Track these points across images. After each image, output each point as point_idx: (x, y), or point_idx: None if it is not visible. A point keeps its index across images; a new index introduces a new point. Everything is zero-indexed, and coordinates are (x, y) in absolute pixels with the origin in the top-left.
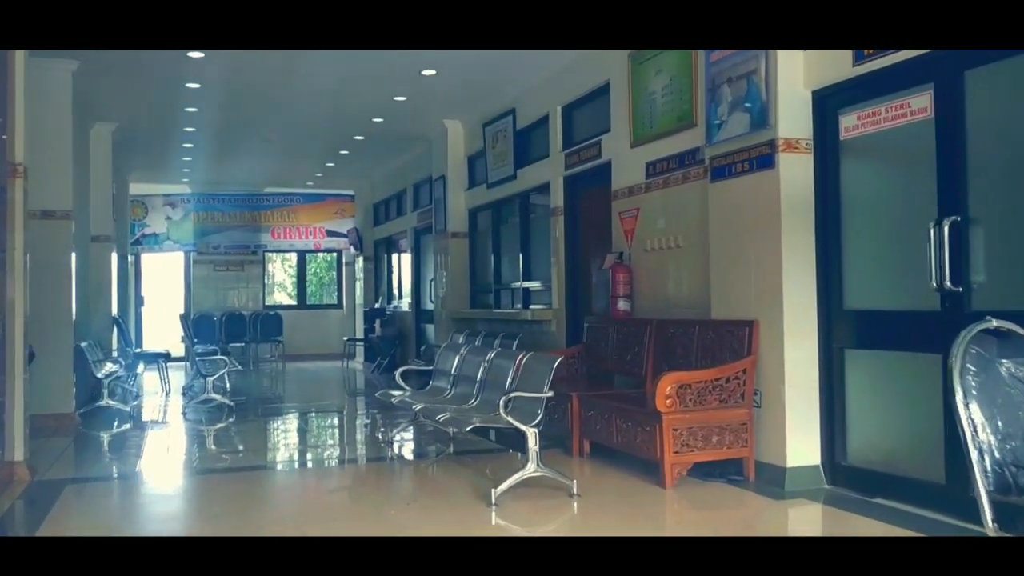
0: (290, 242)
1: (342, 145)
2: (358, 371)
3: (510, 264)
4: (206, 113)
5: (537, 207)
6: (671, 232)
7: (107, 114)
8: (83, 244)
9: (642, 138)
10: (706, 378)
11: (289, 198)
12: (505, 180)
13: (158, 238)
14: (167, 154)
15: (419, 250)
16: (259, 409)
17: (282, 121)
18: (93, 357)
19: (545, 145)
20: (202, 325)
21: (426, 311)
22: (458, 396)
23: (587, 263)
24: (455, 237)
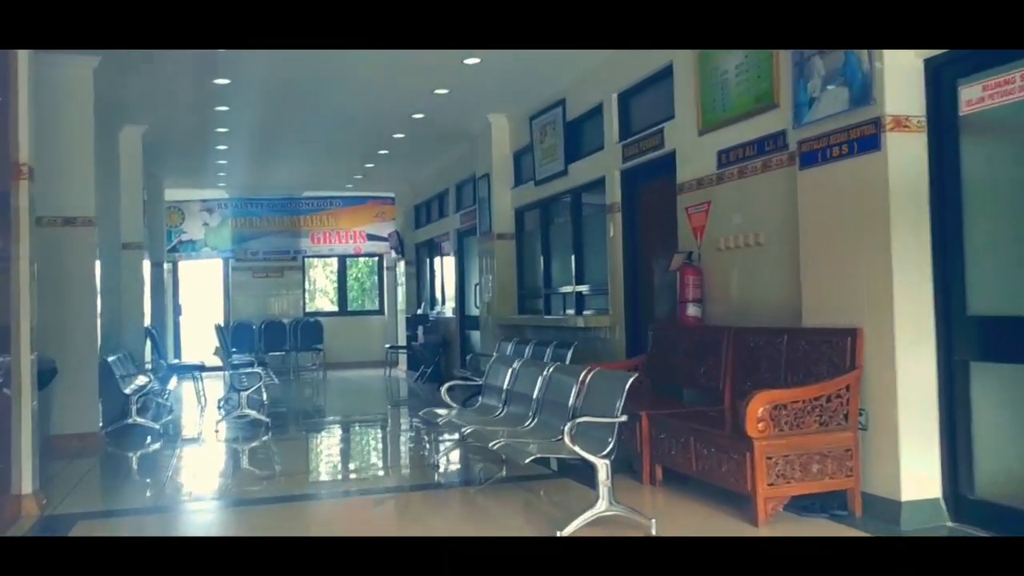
0: (330, 247)
1: (381, 144)
2: (401, 380)
3: (561, 267)
4: (238, 112)
5: (590, 204)
6: (749, 228)
7: (136, 116)
8: (113, 252)
9: (712, 124)
10: (804, 397)
11: (328, 202)
12: (555, 176)
13: (195, 245)
14: (201, 157)
15: (462, 253)
16: (297, 424)
17: (318, 120)
18: (121, 372)
19: (599, 137)
20: (241, 334)
21: (471, 317)
22: (511, 416)
23: (648, 265)
24: (501, 238)
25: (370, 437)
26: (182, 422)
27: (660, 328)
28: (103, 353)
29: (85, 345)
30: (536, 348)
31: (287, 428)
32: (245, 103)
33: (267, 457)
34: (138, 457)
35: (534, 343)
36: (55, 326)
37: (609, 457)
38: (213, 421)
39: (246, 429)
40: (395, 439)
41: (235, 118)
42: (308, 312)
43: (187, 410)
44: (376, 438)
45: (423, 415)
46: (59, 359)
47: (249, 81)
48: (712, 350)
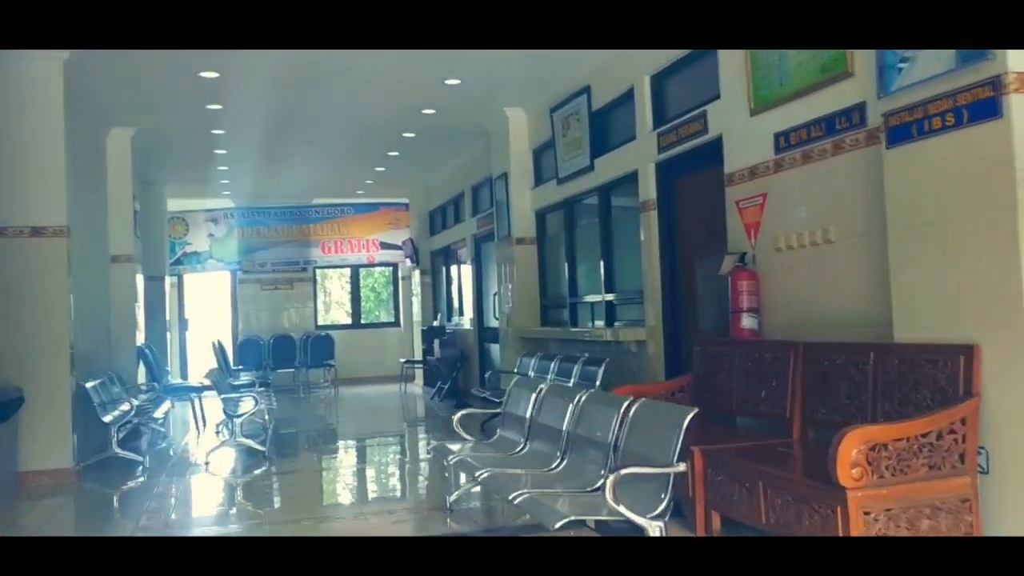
0: (342, 256)
1: (391, 145)
2: (417, 396)
3: (588, 273)
4: (232, 111)
5: (621, 203)
6: (818, 222)
7: (123, 117)
8: (99, 265)
9: (768, 101)
10: (909, 433)
11: (339, 209)
12: (580, 172)
13: (200, 257)
14: (201, 163)
15: (480, 260)
16: (299, 452)
17: (320, 119)
18: (102, 398)
19: (630, 125)
20: (248, 350)
21: (490, 329)
22: (536, 455)
23: (690, 269)
24: (520, 243)
25: (378, 467)
26: (174, 451)
27: (708, 343)
28: (82, 377)
29: (56, 369)
30: (562, 364)
31: (288, 457)
32: (238, 100)
33: (257, 495)
34: (116, 496)
35: (559, 359)
36: (21, 349)
37: (663, 517)
38: (206, 451)
39: (242, 458)
40: (406, 470)
41: (230, 118)
42: (320, 325)
43: (185, 436)
44: (385, 469)
45: (432, 450)
46: (27, 386)
47: (240, 75)
48: (775, 370)
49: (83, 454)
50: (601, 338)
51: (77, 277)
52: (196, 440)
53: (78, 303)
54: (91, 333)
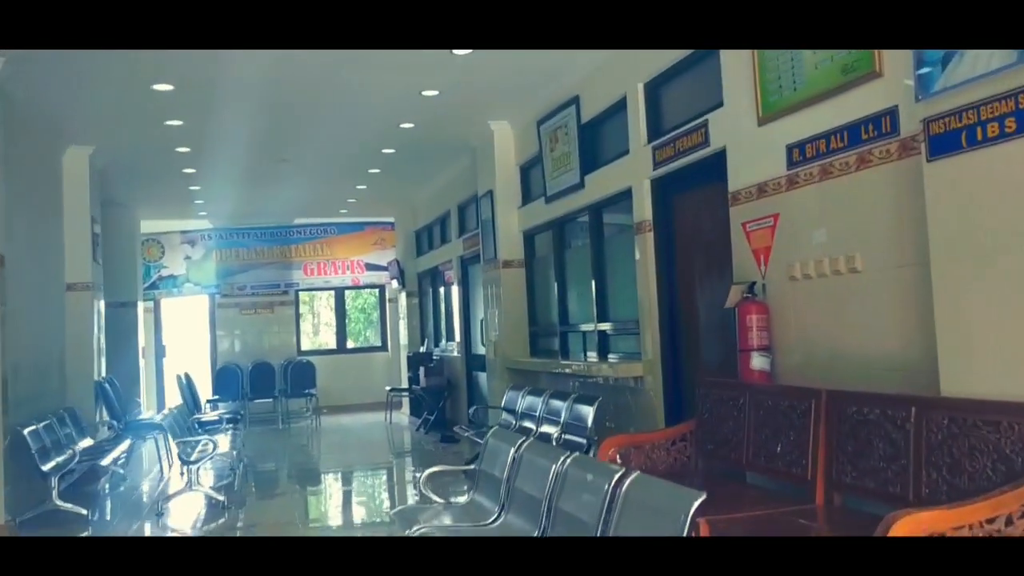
0: (325, 278)
1: (370, 162)
2: (403, 428)
3: (580, 299)
4: (194, 127)
5: (614, 223)
6: (840, 248)
7: (78, 134)
8: (51, 294)
9: (779, 109)
10: (971, 520)
11: (322, 229)
12: (569, 190)
13: (177, 280)
14: (170, 183)
15: (467, 283)
16: (269, 496)
17: (293, 135)
18: (42, 442)
19: (622, 138)
20: (225, 379)
21: (478, 356)
22: (510, 529)
23: (690, 297)
24: (508, 267)
25: (350, 520)
26: (129, 498)
27: (713, 385)
28: (24, 419)
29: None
30: (551, 401)
31: (254, 503)
32: (199, 116)
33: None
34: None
35: (549, 395)
36: None
37: None
38: (162, 498)
39: (206, 505)
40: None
41: (194, 135)
42: (304, 351)
43: (147, 478)
44: (353, 522)
45: (396, 516)
46: None
47: (197, 88)
48: (793, 421)
49: (21, 507)
50: (597, 374)
51: (23, 308)
52: (160, 483)
53: (24, 336)
54: (41, 369)
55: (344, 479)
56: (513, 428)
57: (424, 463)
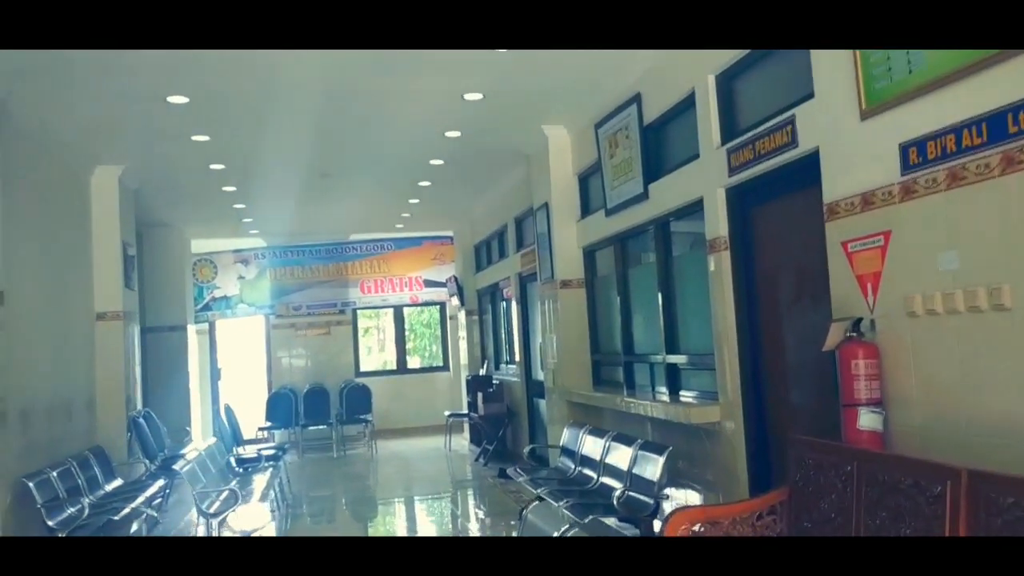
0: (383, 296)
1: (418, 175)
2: (463, 456)
3: (647, 326)
4: (224, 144)
5: (683, 238)
6: (979, 276)
7: (104, 154)
8: (82, 325)
9: (889, 98)
10: None
11: (378, 245)
12: (631, 201)
13: (230, 301)
14: (212, 201)
15: (526, 302)
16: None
17: (332, 148)
18: (59, 491)
19: (691, 141)
20: (279, 405)
21: (538, 382)
22: None
23: (777, 329)
24: (566, 287)
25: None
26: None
27: (810, 447)
28: (40, 465)
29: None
30: (614, 444)
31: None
32: (225, 130)
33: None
34: None
35: (612, 437)
36: None
37: None
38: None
39: None
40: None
41: (224, 151)
42: (363, 372)
43: (183, 519)
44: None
45: None
46: None
47: (215, 100)
48: (920, 507)
49: None
50: (669, 417)
51: (42, 343)
52: (195, 527)
53: (41, 375)
54: (63, 407)
55: (395, 521)
56: (571, 475)
57: (481, 500)
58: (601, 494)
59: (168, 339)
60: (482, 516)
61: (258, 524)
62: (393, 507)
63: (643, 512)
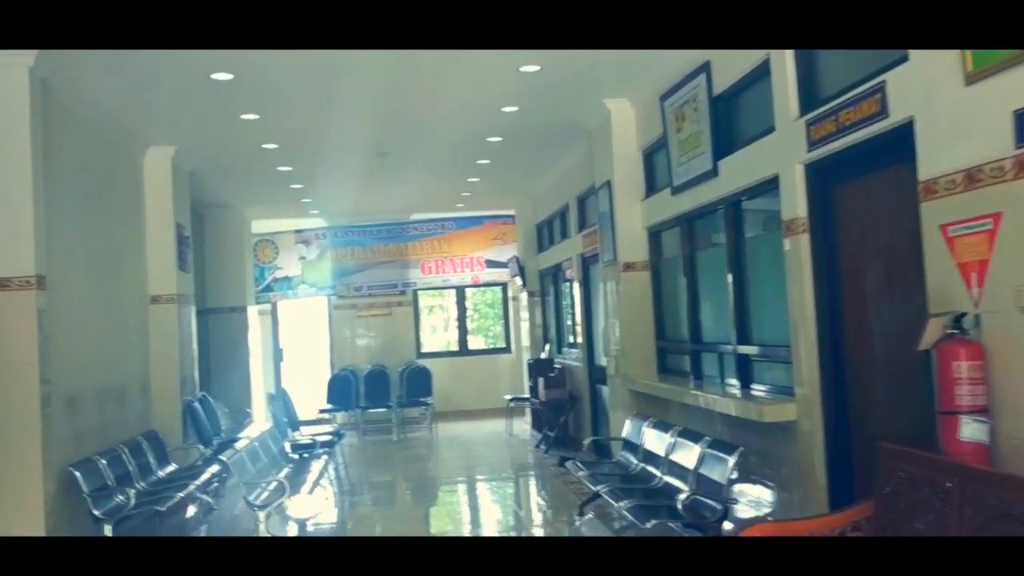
0: (444, 277)
1: (476, 152)
2: (524, 440)
3: (716, 312)
4: (274, 123)
5: (757, 218)
6: None
7: (155, 134)
8: (136, 309)
9: (1000, 60)
10: None
11: (439, 225)
12: (700, 179)
13: (291, 282)
14: (267, 181)
15: (588, 285)
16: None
17: (387, 127)
18: (107, 479)
19: (766, 112)
20: (339, 388)
21: (601, 368)
22: None
23: (861, 321)
24: (630, 270)
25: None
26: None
27: (901, 458)
28: (91, 451)
29: (24, 457)
30: (680, 440)
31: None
32: (271, 108)
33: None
34: None
35: (677, 432)
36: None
37: None
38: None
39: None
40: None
41: (275, 131)
42: (424, 353)
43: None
44: None
45: None
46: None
47: (258, 75)
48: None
49: None
50: (742, 414)
51: (92, 328)
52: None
53: (90, 360)
54: (116, 392)
55: (453, 512)
56: (633, 470)
57: (542, 488)
58: (665, 494)
59: (229, 320)
60: (543, 504)
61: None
62: (451, 497)
63: (710, 518)
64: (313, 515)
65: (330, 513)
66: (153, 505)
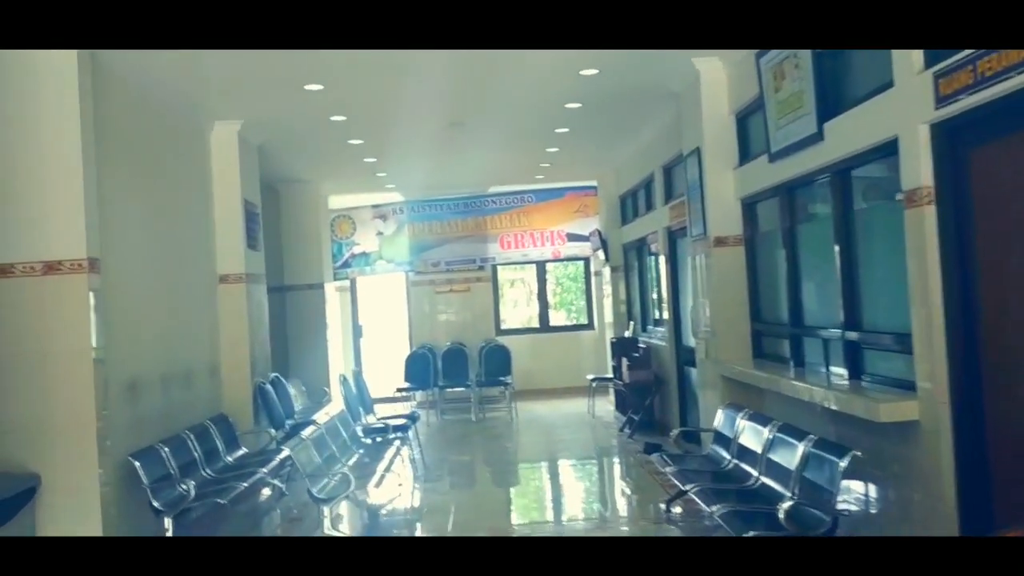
0: (523, 251)
1: (554, 120)
2: (608, 423)
3: (820, 293)
4: (340, 92)
5: (869, 187)
6: None
7: (220, 108)
8: (203, 290)
9: None
10: None
11: (518, 198)
12: (802, 144)
13: (369, 258)
14: (339, 155)
15: (676, 260)
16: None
17: (458, 95)
18: (171, 468)
19: (882, 65)
20: (417, 365)
21: (689, 348)
22: None
23: (1002, 308)
24: (721, 245)
25: None
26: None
27: None
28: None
29: (79, 448)
30: (779, 436)
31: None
32: (338, 77)
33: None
34: None
35: (776, 428)
36: (36, 421)
37: None
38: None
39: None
40: None
41: (342, 100)
42: (502, 330)
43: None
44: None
45: None
46: (45, 471)
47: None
48: None
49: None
50: (844, 409)
51: (157, 310)
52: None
53: (152, 344)
54: (182, 376)
55: (532, 500)
56: (726, 467)
57: (626, 475)
58: (762, 497)
59: (307, 298)
60: (628, 492)
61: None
62: (530, 484)
63: (817, 530)
64: (384, 503)
65: (403, 500)
66: (215, 497)
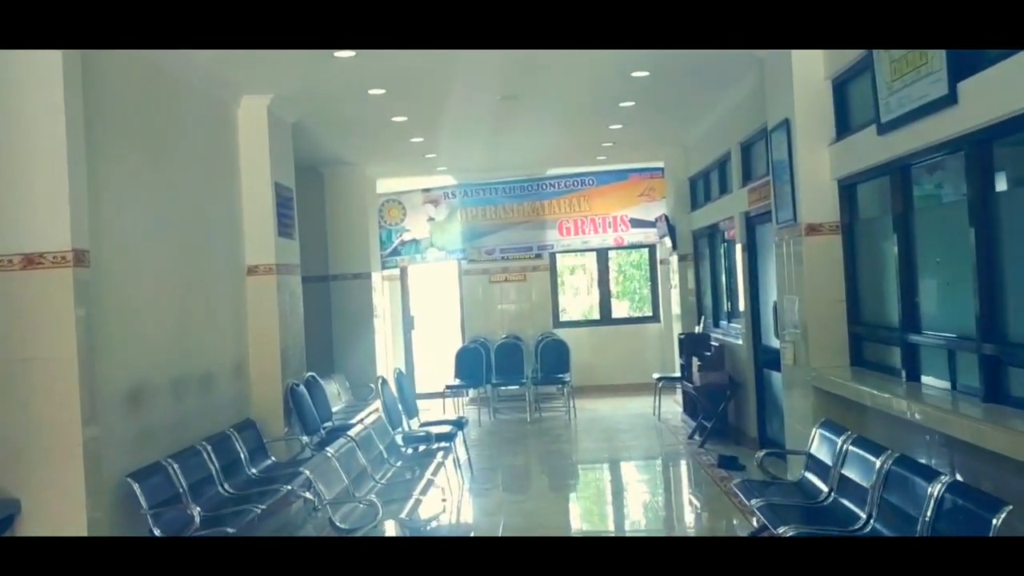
0: (583, 238)
1: (617, 94)
2: (676, 427)
3: (944, 293)
4: (374, 60)
5: (1017, 163)
6: None
7: (248, 81)
8: (231, 281)
9: None
10: None
11: (578, 181)
12: (925, 110)
13: (419, 245)
14: (382, 134)
15: (755, 249)
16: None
17: (508, 65)
18: (181, 485)
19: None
20: (469, 360)
21: (770, 348)
22: None
23: None
24: (815, 233)
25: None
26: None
27: None
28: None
29: (62, 468)
30: (895, 471)
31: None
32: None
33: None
34: None
35: (891, 461)
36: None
37: None
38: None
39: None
40: None
41: (378, 70)
42: (561, 322)
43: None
44: None
45: None
46: (25, 494)
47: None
48: None
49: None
50: (983, 445)
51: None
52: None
53: (172, 343)
54: (199, 380)
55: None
56: (823, 501)
57: (696, 489)
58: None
59: (352, 288)
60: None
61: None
62: (589, 496)
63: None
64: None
65: (447, 515)
66: (223, 525)
